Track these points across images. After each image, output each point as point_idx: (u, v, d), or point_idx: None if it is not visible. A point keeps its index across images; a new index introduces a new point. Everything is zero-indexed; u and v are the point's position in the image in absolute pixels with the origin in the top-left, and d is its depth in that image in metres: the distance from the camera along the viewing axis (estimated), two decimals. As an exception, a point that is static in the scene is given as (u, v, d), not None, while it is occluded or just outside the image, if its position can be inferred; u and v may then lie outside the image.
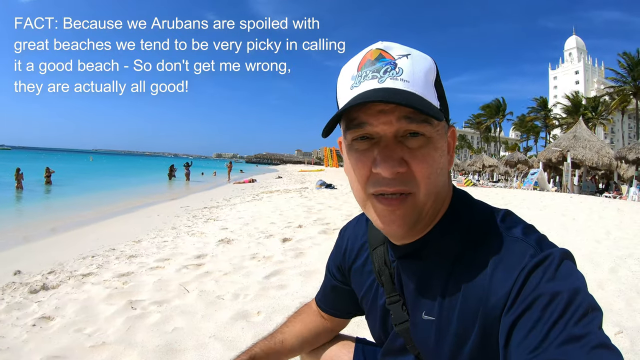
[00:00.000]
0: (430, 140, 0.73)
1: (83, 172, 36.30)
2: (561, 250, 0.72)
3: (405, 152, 0.73)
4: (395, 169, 0.72)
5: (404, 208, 0.75)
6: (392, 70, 0.72)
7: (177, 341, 2.62)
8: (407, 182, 0.73)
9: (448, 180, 0.83)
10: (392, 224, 0.77)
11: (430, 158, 0.73)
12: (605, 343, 0.58)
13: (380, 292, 0.98)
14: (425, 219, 0.79)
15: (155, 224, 7.92)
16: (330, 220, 7.46)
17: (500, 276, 0.71)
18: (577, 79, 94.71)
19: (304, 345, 1.23)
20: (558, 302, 0.62)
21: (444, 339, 0.80)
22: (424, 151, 0.73)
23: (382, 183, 0.74)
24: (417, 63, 0.73)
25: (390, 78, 0.71)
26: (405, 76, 0.71)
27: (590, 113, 58.60)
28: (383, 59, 0.73)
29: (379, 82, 0.71)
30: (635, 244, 6.01)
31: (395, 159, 0.72)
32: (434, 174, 0.74)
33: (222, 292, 3.51)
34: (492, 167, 36.92)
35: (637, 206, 12.78)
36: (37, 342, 2.63)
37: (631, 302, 3.49)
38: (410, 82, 0.71)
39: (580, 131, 25.40)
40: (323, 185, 16.83)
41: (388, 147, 0.72)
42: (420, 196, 0.75)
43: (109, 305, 3.24)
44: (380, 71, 0.72)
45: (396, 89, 0.70)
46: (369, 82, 0.72)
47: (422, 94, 0.71)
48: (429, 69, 0.74)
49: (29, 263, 4.84)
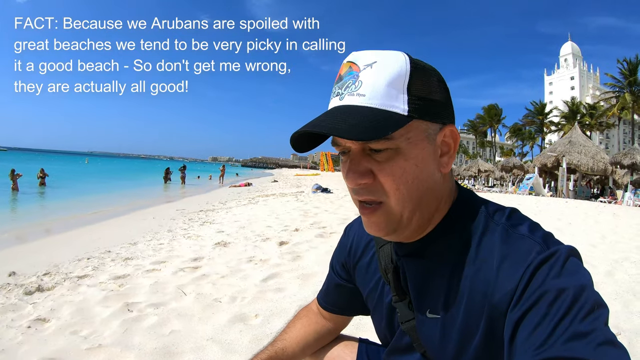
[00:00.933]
0: (398, 151, 0.73)
1: (78, 174, 36.14)
2: (567, 247, 0.72)
3: (372, 164, 0.75)
4: (357, 181, 0.75)
5: (376, 216, 0.78)
6: (352, 85, 0.73)
7: (175, 344, 2.60)
8: (375, 192, 0.76)
9: (445, 181, 0.82)
10: (370, 229, 0.82)
11: (398, 170, 0.74)
12: (611, 340, 0.59)
13: (386, 290, 0.98)
14: (410, 225, 0.80)
15: (151, 227, 7.87)
16: (326, 223, 7.45)
17: (506, 272, 0.71)
18: (572, 85, 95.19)
19: (306, 349, 1.23)
20: (564, 298, 0.62)
21: (449, 336, 0.80)
22: (390, 164, 0.74)
23: (355, 192, 0.78)
24: (380, 72, 0.72)
25: (348, 94, 0.73)
26: (362, 89, 0.72)
27: (588, 119, 58.91)
28: (350, 72, 0.75)
29: (340, 100, 0.74)
30: (631, 248, 6.05)
31: (358, 172, 0.75)
32: (405, 184, 0.75)
33: (219, 295, 3.49)
34: (487, 172, 37.04)
35: (632, 211, 12.86)
36: (32, 344, 2.60)
37: (628, 305, 3.52)
38: (367, 95, 0.71)
39: (575, 136, 25.54)
40: (319, 189, 16.84)
41: (353, 161, 0.76)
42: (392, 205, 0.76)
43: (105, 308, 3.21)
44: (343, 87, 0.75)
45: (347, 106, 0.72)
46: (333, 100, 0.76)
47: (379, 106, 0.71)
48: (396, 74, 0.72)
49: (23, 264, 4.79)
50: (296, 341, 1.21)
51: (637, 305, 3.50)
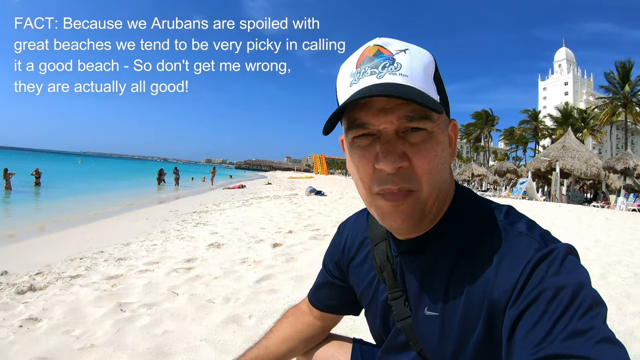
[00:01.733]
0: (431, 134, 0.73)
1: (72, 174, 35.97)
2: (566, 245, 0.72)
3: (407, 147, 0.72)
4: (397, 163, 0.71)
5: (407, 203, 0.74)
6: (391, 66, 0.72)
7: (168, 344, 2.58)
8: (410, 180, 0.73)
9: (450, 176, 0.82)
10: (397, 219, 0.76)
11: (432, 152, 0.73)
12: (610, 337, 0.58)
13: (381, 289, 0.97)
14: (430, 215, 0.79)
15: (144, 228, 7.84)
16: (320, 226, 7.46)
17: (505, 270, 0.71)
18: (566, 90, 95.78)
19: (291, 348, 1.21)
20: (563, 296, 0.62)
21: (448, 334, 0.79)
22: (426, 145, 0.72)
23: (385, 181, 0.73)
24: (415, 58, 0.73)
25: (389, 73, 0.71)
26: (404, 70, 0.71)
27: (580, 123, 59.24)
28: (381, 55, 0.73)
29: (378, 78, 0.71)
30: (624, 252, 6.09)
31: (397, 153, 0.71)
32: (436, 169, 0.74)
33: (213, 296, 3.47)
34: (481, 176, 37.13)
35: (625, 215, 12.94)
36: (24, 344, 2.58)
37: (621, 307, 3.55)
38: (409, 76, 0.71)
39: (569, 141, 25.70)
40: (313, 192, 16.84)
41: (389, 143, 0.72)
42: (423, 192, 0.74)
43: (98, 308, 3.19)
44: (378, 67, 0.72)
45: (395, 83, 0.70)
46: (368, 79, 0.72)
47: (421, 88, 0.70)
48: (427, 63, 0.74)
49: (15, 264, 4.76)
50: (281, 339, 1.20)
51: (631, 308, 3.53)
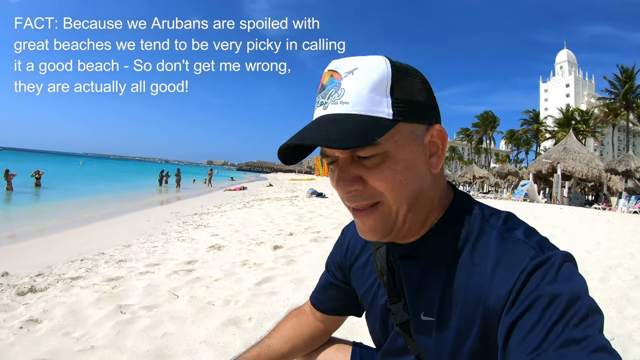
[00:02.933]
0: (387, 155, 0.73)
1: (73, 175, 35.99)
2: (563, 252, 0.71)
3: (362, 170, 0.74)
4: (347, 188, 0.75)
5: (372, 218, 0.77)
6: (335, 93, 0.73)
7: (168, 346, 2.59)
8: (368, 197, 0.76)
9: (436, 182, 0.82)
10: (365, 234, 0.81)
11: (389, 173, 0.73)
12: (605, 347, 0.58)
13: (381, 292, 0.97)
14: (405, 226, 0.80)
15: (145, 229, 7.85)
16: (321, 228, 7.45)
17: (501, 276, 0.71)
18: (567, 92, 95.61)
19: (294, 349, 1.21)
20: (558, 304, 0.62)
21: (444, 338, 0.80)
22: (381, 167, 0.73)
23: (347, 199, 0.78)
24: (362, 78, 0.72)
25: (332, 103, 0.73)
26: (345, 97, 0.72)
27: (581, 125, 59.16)
28: (332, 81, 0.74)
29: (324, 109, 0.74)
30: (625, 254, 6.07)
31: (348, 179, 0.75)
32: (398, 185, 0.74)
33: (213, 298, 3.47)
34: (482, 178, 37.09)
35: (626, 218, 12.92)
36: (24, 345, 2.58)
37: (622, 310, 3.53)
38: (350, 102, 0.71)
39: (570, 143, 25.69)
40: (314, 194, 16.84)
41: (342, 169, 0.75)
42: (389, 204, 0.76)
43: (98, 309, 3.19)
44: (326, 96, 0.74)
45: (332, 115, 0.72)
46: (318, 110, 0.76)
47: (363, 112, 0.70)
48: (378, 79, 0.72)
49: (16, 265, 4.76)
50: (284, 339, 1.20)
51: (631, 311, 3.52)
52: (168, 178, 29.04)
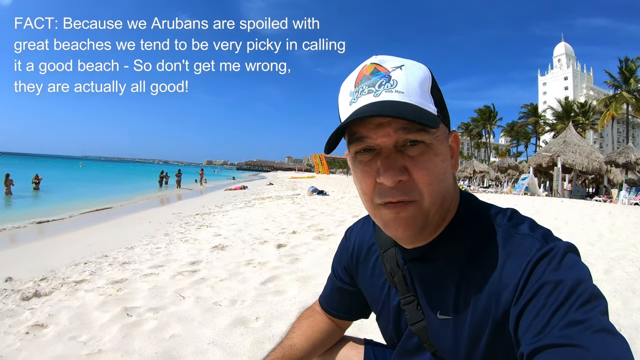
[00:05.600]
0: (430, 147, 0.75)
1: (73, 179, 35.98)
2: (566, 243, 0.75)
3: (406, 160, 0.75)
4: (397, 177, 0.74)
5: (407, 211, 0.77)
6: (387, 83, 0.74)
7: (176, 348, 2.58)
8: (410, 192, 0.76)
9: (454, 184, 0.85)
10: (398, 228, 0.79)
11: (432, 164, 0.75)
12: (608, 328, 0.60)
13: (393, 294, 0.99)
14: (432, 224, 0.81)
15: (147, 231, 7.85)
16: (323, 226, 7.45)
17: (509, 270, 0.74)
18: (566, 85, 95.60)
19: (316, 346, 1.21)
20: (561, 289, 0.65)
21: (461, 335, 0.83)
22: (424, 158, 0.75)
23: (386, 194, 0.76)
24: (411, 73, 0.76)
25: (386, 91, 0.74)
26: (400, 87, 0.74)
27: (581, 118, 59.01)
28: (378, 73, 0.76)
29: (375, 96, 0.74)
30: (628, 246, 6.08)
31: (397, 167, 0.74)
32: (436, 180, 0.76)
33: (219, 299, 3.47)
34: (482, 172, 37.10)
35: (627, 209, 12.91)
36: (30, 350, 2.58)
37: (627, 302, 3.54)
38: (405, 92, 0.74)
39: (570, 136, 25.68)
40: (315, 192, 16.86)
41: (389, 157, 0.75)
42: (425, 202, 0.77)
43: (104, 313, 3.19)
44: (375, 85, 0.75)
45: (391, 101, 0.73)
46: (366, 97, 0.75)
47: (417, 103, 0.73)
48: (423, 78, 0.77)
49: (19, 270, 4.76)
50: (305, 338, 1.20)
51: (636, 302, 3.52)
52: (168, 179, 29.05)
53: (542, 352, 0.60)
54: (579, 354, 0.57)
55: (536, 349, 0.61)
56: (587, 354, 0.56)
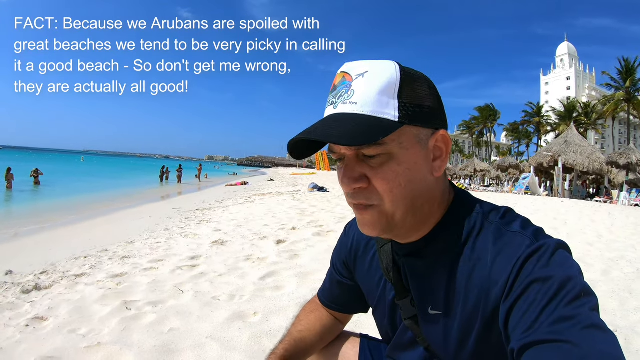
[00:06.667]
0: (391, 156, 0.76)
1: (74, 173, 35.97)
2: (556, 240, 0.76)
3: (366, 169, 0.78)
4: (352, 185, 0.78)
5: (369, 214, 0.81)
6: (345, 94, 0.77)
7: (174, 342, 2.60)
8: (369, 197, 0.79)
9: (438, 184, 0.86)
10: (363, 228, 0.84)
11: (392, 174, 0.77)
12: (597, 324, 0.61)
13: (388, 288, 1.01)
14: (405, 225, 0.83)
15: (147, 225, 7.87)
16: (323, 222, 7.45)
17: (499, 266, 0.76)
18: (568, 85, 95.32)
19: (322, 339, 1.25)
20: (550, 285, 0.66)
21: (451, 330, 0.85)
22: (384, 168, 0.77)
23: (349, 196, 0.82)
24: (372, 80, 0.75)
25: (342, 103, 0.77)
26: (355, 98, 0.75)
27: (583, 118, 58.91)
28: (343, 82, 0.78)
29: (334, 108, 0.78)
30: (627, 247, 6.08)
31: (353, 177, 0.78)
32: (398, 188, 0.78)
33: (218, 293, 3.49)
34: (483, 171, 37.09)
35: (627, 210, 12.91)
36: (30, 343, 2.59)
37: (624, 302, 3.55)
38: (359, 103, 0.75)
39: (571, 136, 25.64)
40: (315, 188, 16.84)
41: (348, 167, 0.79)
42: (386, 207, 0.79)
43: (103, 306, 3.20)
44: (337, 96, 0.78)
45: (340, 114, 0.76)
46: (328, 109, 0.80)
47: (371, 113, 0.74)
48: (387, 82, 0.75)
49: (20, 263, 4.78)
50: (314, 332, 1.23)
51: (633, 303, 3.53)
52: (169, 174, 29.07)
53: (531, 347, 0.61)
54: (568, 350, 0.57)
55: (525, 345, 0.62)
56: (576, 350, 0.57)
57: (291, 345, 1.16)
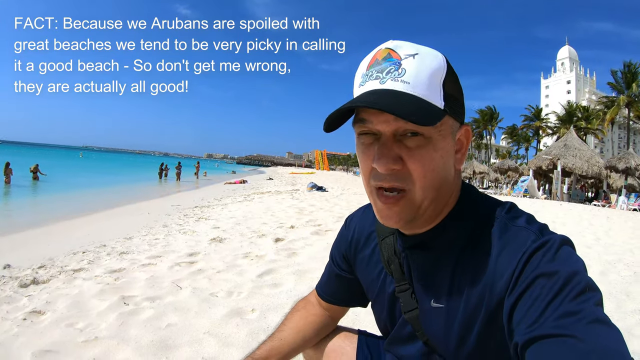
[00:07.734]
0: (429, 140, 0.76)
1: (73, 169, 35.92)
2: (561, 236, 0.76)
3: (403, 150, 0.76)
4: (389, 166, 0.76)
5: (399, 205, 0.79)
6: (395, 71, 0.75)
7: (171, 337, 2.60)
8: (402, 179, 0.77)
9: (455, 177, 0.86)
10: (389, 220, 0.82)
11: (428, 158, 0.76)
12: (602, 319, 0.61)
13: (388, 281, 1.00)
14: (424, 215, 0.83)
15: (146, 222, 7.87)
16: (322, 221, 7.46)
17: (504, 261, 0.76)
18: (568, 89, 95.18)
19: (306, 339, 1.23)
20: (556, 280, 0.66)
21: (453, 324, 0.84)
22: (421, 151, 0.76)
23: (380, 177, 0.78)
24: (422, 63, 0.75)
25: (392, 79, 0.74)
26: (406, 77, 0.74)
27: (582, 122, 58.84)
28: (390, 59, 0.76)
29: (381, 83, 0.75)
30: (624, 250, 6.10)
31: (391, 156, 0.76)
32: (431, 173, 0.77)
33: (216, 290, 3.49)
34: (482, 173, 37.09)
35: (626, 215, 12.94)
36: (28, 337, 2.59)
37: (621, 305, 3.56)
38: (411, 83, 0.74)
39: (571, 140, 25.66)
40: (314, 188, 16.85)
41: (385, 145, 0.76)
42: (416, 194, 0.78)
43: (101, 301, 3.20)
44: (383, 72, 0.76)
45: (394, 90, 0.74)
46: (372, 82, 0.76)
47: (421, 95, 0.74)
48: (436, 69, 0.76)
49: (18, 257, 4.77)
50: (295, 331, 1.22)
51: (630, 305, 3.54)
52: (168, 171, 29.03)
53: (536, 342, 0.61)
54: (573, 344, 0.58)
55: (530, 339, 0.62)
56: (581, 344, 0.57)
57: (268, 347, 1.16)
